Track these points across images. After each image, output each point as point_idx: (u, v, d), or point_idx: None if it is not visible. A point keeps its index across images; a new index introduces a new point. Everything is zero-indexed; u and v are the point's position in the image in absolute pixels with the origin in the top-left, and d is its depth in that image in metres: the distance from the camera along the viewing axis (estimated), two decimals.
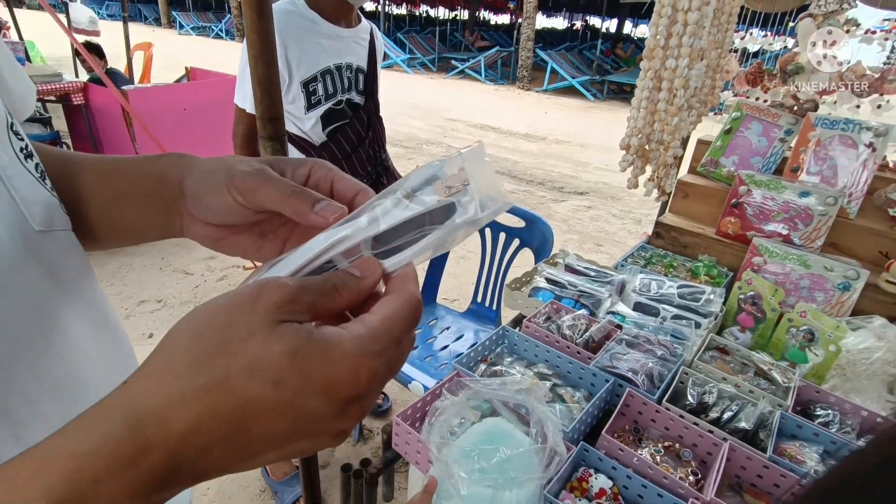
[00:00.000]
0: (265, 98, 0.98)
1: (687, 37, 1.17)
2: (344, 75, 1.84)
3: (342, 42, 1.82)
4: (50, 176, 0.44)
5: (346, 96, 1.88)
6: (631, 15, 16.34)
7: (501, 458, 0.80)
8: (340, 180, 0.40)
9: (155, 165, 0.45)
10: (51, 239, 0.40)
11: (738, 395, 1.18)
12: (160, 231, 0.46)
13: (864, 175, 1.69)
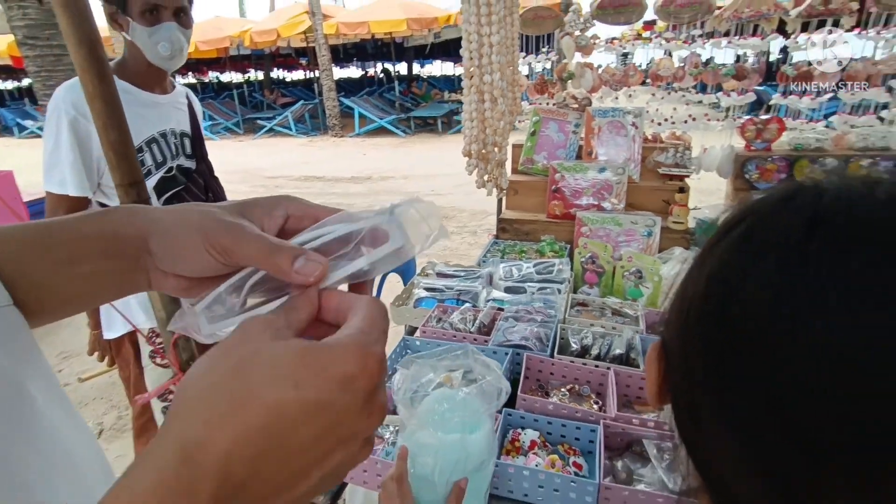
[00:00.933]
0: (122, 163, 0.94)
1: (494, 55, 1.44)
2: (170, 141, 1.77)
3: (162, 109, 1.75)
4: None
5: (175, 162, 1.80)
6: (416, 57, 17.89)
7: (463, 399, 0.89)
8: (317, 210, 0.40)
9: (100, 224, 0.41)
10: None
11: (606, 332, 1.43)
12: (118, 291, 0.43)
13: (636, 147, 2.17)
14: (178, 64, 1.69)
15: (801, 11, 1.95)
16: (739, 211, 0.36)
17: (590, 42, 2.18)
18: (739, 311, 0.30)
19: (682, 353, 0.36)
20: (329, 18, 11.73)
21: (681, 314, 0.36)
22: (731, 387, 0.31)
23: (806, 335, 0.27)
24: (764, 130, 2.10)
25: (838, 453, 0.27)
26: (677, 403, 0.37)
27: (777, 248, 0.30)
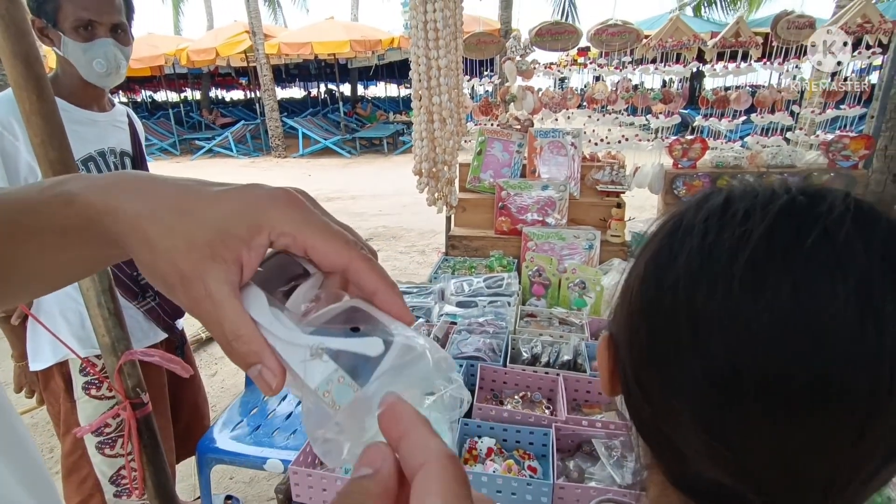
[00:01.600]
0: None
1: (443, 78, 1.51)
2: (109, 161, 1.70)
3: (99, 127, 1.68)
4: None
5: None
6: (360, 78, 17.98)
7: (424, 410, 0.91)
8: (311, 237, 0.30)
9: (83, 215, 0.33)
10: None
11: (554, 340, 1.50)
12: (95, 269, 0.39)
13: (575, 166, 2.30)
14: (116, 82, 1.63)
15: (716, 42, 2.17)
16: (670, 212, 0.41)
17: (530, 67, 2.31)
18: (672, 283, 0.35)
19: (628, 335, 0.40)
20: (270, 38, 11.60)
21: (624, 301, 0.41)
22: (671, 355, 0.35)
23: (719, 303, 0.32)
24: (689, 150, 2.28)
25: (756, 399, 0.32)
26: (628, 386, 0.41)
27: (698, 228, 0.35)
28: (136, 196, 0.30)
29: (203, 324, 0.29)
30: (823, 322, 0.30)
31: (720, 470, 0.35)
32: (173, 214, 0.29)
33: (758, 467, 0.34)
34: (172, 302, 1.40)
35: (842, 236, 0.31)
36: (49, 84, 0.91)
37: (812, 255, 0.31)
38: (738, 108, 2.26)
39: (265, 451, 2.10)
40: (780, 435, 0.32)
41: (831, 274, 0.30)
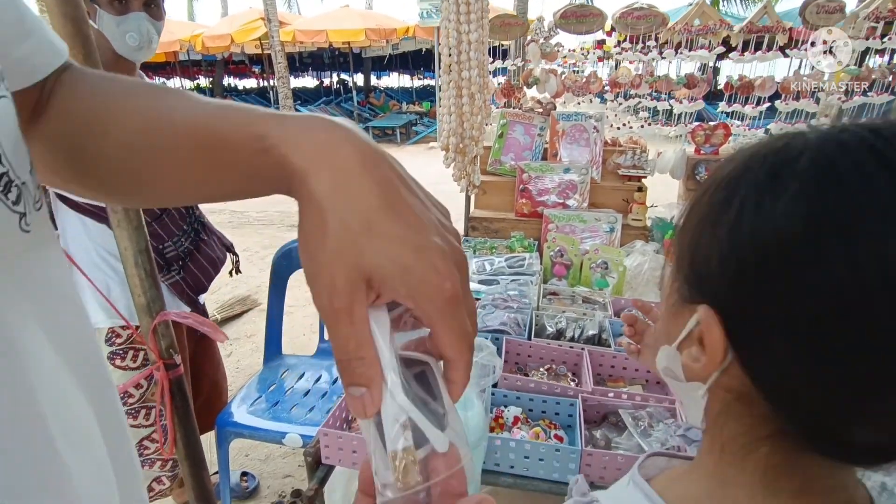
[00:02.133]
0: None
1: (473, 52, 1.51)
2: None
3: None
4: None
5: None
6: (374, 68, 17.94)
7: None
8: (441, 337, 0.31)
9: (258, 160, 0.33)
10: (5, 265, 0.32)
11: (578, 317, 1.51)
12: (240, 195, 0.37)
13: (597, 150, 2.29)
14: (147, 56, 1.65)
15: (742, 27, 2.15)
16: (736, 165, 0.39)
17: (553, 49, 2.30)
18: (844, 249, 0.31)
19: (752, 303, 0.36)
20: (285, 25, 11.60)
21: (740, 273, 0.36)
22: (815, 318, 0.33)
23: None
24: (712, 136, 2.27)
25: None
26: (749, 352, 0.37)
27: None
28: (334, 180, 0.29)
29: (328, 330, 0.29)
30: None
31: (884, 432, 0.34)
32: (359, 223, 0.29)
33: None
34: (196, 276, 1.44)
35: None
36: (94, 45, 0.93)
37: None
38: (762, 94, 2.24)
39: (283, 426, 2.13)
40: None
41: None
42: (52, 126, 0.40)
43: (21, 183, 0.33)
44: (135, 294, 1.16)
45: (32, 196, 0.34)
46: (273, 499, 2.36)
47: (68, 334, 0.37)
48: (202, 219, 2.04)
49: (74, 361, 0.37)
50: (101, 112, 0.39)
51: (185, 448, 1.29)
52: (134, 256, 1.12)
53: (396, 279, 0.29)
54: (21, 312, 0.32)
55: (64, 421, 0.34)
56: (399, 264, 0.28)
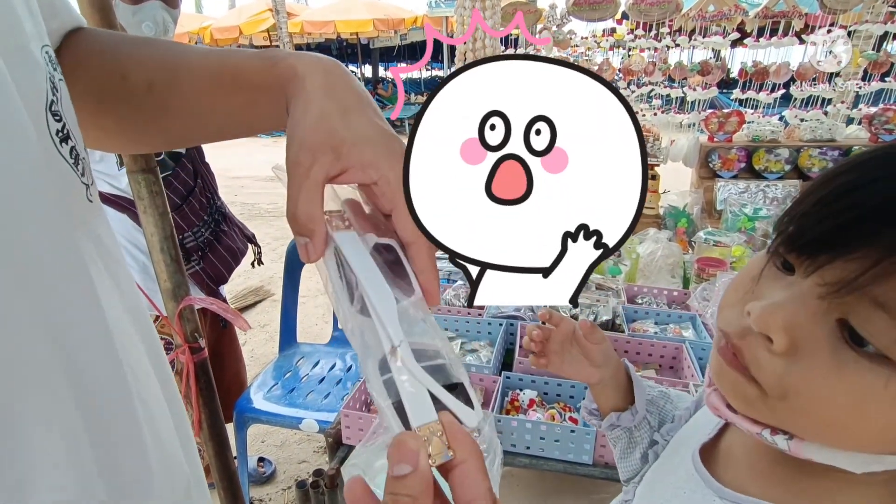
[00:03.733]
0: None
1: (488, 39, 1.52)
2: None
3: None
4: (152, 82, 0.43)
5: None
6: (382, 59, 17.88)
7: None
8: (402, 215, 0.35)
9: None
10: (85, 235, 0.36)
11: (593, 303, 1.53)
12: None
13: None
14: None
15: (758, 12, 2.13)
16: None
17: (566, 37, 2.30)
18: None
19: None
20: (293, 17, 11.59)
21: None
22: None
23: None
24: (726, 123, 2.26)
25: None
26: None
27: None
28: (325, 79, 0.37)
29: (289, 185, 0.34)
30: None
31: None
32: (338, 108, 0.35)
33: None
34: (216, 267, 1.47)
35: None
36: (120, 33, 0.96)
37: None
38: (777, 80, 2.22)
39: (300, 411, 2.18)
40: None
41: None
42: (72, 80, 0.44)
43: (84, 157, 0.37)
44: (160, 279, 1.19)
45: (90, 171, 0.38)
46: (289, 483, 2.41)
47: (129, 296, 0.41)
48: (223, 209, 2.07)
49: (140, 325, 0.40)
50: (121, 57, 0.45)
51: (209, 429, 1.32)
52: (160, 242, 1.15)
53: (364, 146, 0.34)
54: (98, 269, 0.36)
55: (142, 387, 0.38)
56: (367, 136, 0.35)
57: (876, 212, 0.31)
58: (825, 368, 0.33)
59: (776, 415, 0.37)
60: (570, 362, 0.69)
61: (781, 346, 0.34)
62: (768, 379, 0.36)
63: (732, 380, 0.38)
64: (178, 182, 1.81)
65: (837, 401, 0.33)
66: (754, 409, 0.38)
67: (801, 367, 0.34)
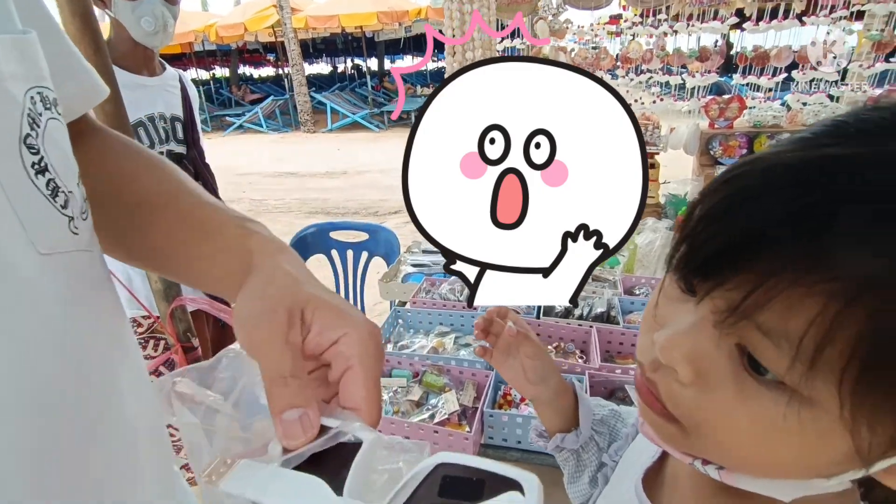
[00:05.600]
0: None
1: (477, 32, 1.51)
2: (158, 126, 1.75)
3: (149, 91, 1.73)
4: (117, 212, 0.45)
5: (165, 148, 1.78)
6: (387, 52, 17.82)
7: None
8: (354, 379, 0.34)
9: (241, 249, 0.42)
10: (56, 262, 0.36)
11: (588, 295, 1.52)
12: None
13: None
14: (164, 41, 1.66)
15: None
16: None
17: (562, 26, 2.27)
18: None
19: None
20: (297, 12, 11.59)
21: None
22: None
23: None
24: (726, 109, 2.22)
25: None
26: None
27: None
28: (286, 255, 0.41)
29: (261, 357, 0.33)
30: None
31: None
32: (301, 278, 0.38)
33: None
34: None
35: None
36: (103, 38, 0.96)
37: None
38: (778, 64, 2.18)
39: None
40: None
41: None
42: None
43: (68, 191, 0.37)
44: (151, 280, 1.21)
45: (80, 206, 0.39)
46: None
47: (112, 324, 0.42)
48: None
49: (119, 351, 0.42)
50: (116, 176, 0.48)
51: None
52: None
53: (328, 306, 0.35)
54: (77, 303, 0.37)
55: (118, 408, 0.39)
56: (329, 299, 0.36)
57: (751, 234, 0.29)
58: (730, 398, 0.31)
59: (698, 448, 0.36)
60: (509, 368, 0.66)
61: (687, 378, 0.33)
62: (683, 413, 0.34)
63: (652, 418, 0.37)
64: None
65: (745, 431, 0.32)
66: (679, 445, 0.37)
67: (709, 397, 0.32)
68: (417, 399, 1.24)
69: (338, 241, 2.63)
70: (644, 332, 0.38)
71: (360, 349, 0.34)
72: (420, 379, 1.28)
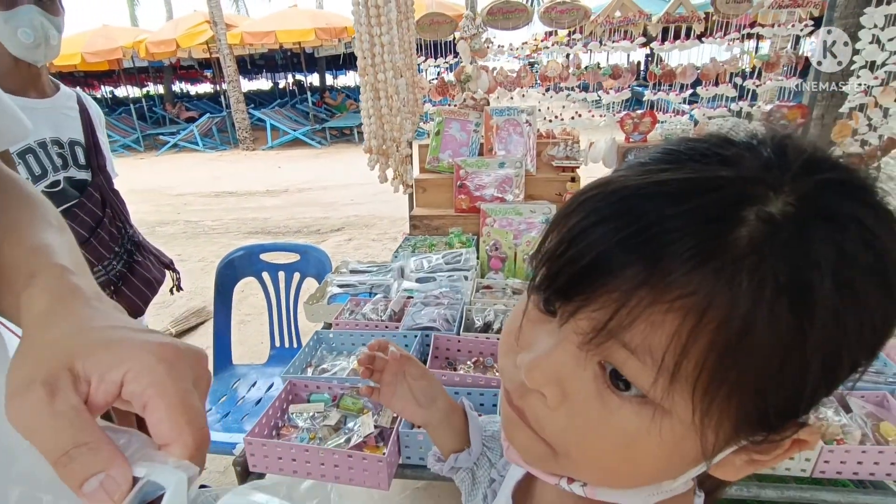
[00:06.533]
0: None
1: (386, 55, 1.53)
2: (52, 152, 1.63)
3: (39, 114, 1.60)
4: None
5: (62, 175, 1.67)
6: (328, 67, 17.70)
7: None
8: (154, 412, 0.31)
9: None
10: None
11: (507, 308, 1.55)
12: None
13: (531, 142, 2.35)
14: (48, 56, 1.53)
15: (660, 18, 2.23)
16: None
17: (483, 46, 2.34)
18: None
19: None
20: (232, 28, 11.34)
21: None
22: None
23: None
24: (640, 124, 2.35)
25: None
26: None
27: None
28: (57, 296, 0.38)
29: (33, 439, 0.29)
30: None
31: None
32: (64, 331, 0.34)
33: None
34: (131, 300, 1.42)
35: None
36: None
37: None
38: (684, 81, 2.33)
39: (234, 436, 2.11)
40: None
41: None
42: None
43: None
44: None
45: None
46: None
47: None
48: (136, 238, 1.98)
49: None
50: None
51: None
52: None
53: (100, 347, 0.32)
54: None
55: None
56: (101, 338, 0.32)
57: (605, 257, 0.30)
58: (596, 416, 0.33)
59: (564, 466, 0.37)
60: (399, 398, 0.67)
61: (555, 401, 0.34)
62: (552, 436, 0.36)
63: (523, 440, 0.38)
64: (83, 213, 1.71)
65: (611, 446, 0.33)
66: (546, 466, 0.38)
67: (576, 418, 0.34)
68: (335, 424, 1.22)
69: (268, 263, 2.57)
70: (505, 354, 0.39)
71: (149, 378, 0.31)
72: (337, 403, 1.26)
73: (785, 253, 0.27)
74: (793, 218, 0.28)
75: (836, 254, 0.27)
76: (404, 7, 1.91)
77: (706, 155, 0.31)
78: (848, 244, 0.28)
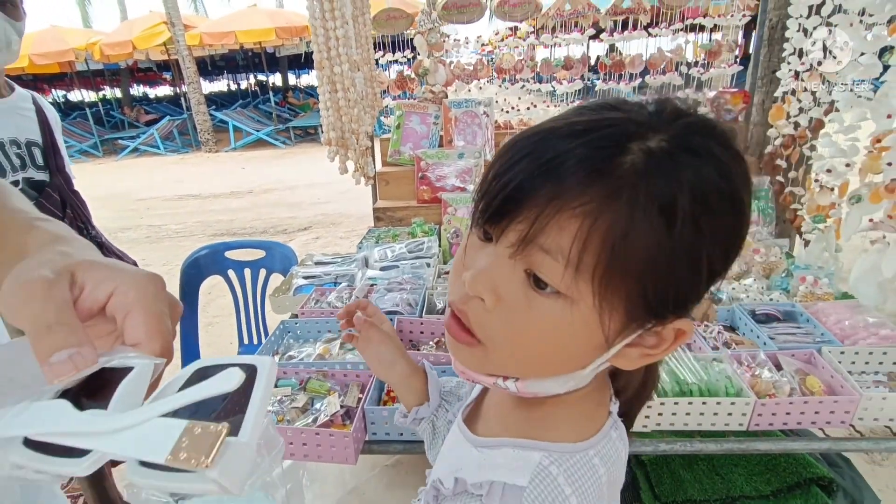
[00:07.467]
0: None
1: (342, 48, 1.56)
2: (9, 152, 1.62)
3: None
4: None
5: (21, 175, 1.65)
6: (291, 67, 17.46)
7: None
8: (133, 318, 0.36)
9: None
10: None
11: None
12: None
13: (489, 133, 2.41)
14: (9, 60, 1.53)
15: (608, 9, 2.32)
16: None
17: (439, 40, 2.39)
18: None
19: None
20: (191, 29, 11.07)
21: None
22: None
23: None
24: None
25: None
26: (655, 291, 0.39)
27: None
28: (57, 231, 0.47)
29: (24, 326, 0.32)
30: None
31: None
32: (66, 250, 0.40)
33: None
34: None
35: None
36: None
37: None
38: (633, 70, 2.43)
39: None
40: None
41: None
42: None
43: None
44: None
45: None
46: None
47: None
48: (99, 239, 1.96)
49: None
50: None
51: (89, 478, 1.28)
52: None
53: (100, 265, 0.37)
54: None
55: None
56: (103, 261, 0.38)
57: (525, 182, 0.39)
58: (524, 312, 0.42)
59: (499, 365, 0.46)
60: (370, 355, 0.77)
61: (491, 303, 0.42)
62: (489, 333, 0.44)
63: (460, 349, 0.47)
64: (42, 213, 1.69)
65: (536, 337, 0.42)
66: (485, 367, 0.47)
67: (508, 316, 0.42)
68: (302, 405, 1.26)
69: (234, 260, 2.57)
70: (454, 276, 0.48)
71: (136, 293, 0.36)
72: (304, 385, 1.30)
73: (658, 174, 0.36)
74: (666, 150, 0.37)
75: (695, 177, 0.37)
76: (360, 2, 1.95)
77: (605, 108, 0.41)
78: (705, 170, 0.37)
